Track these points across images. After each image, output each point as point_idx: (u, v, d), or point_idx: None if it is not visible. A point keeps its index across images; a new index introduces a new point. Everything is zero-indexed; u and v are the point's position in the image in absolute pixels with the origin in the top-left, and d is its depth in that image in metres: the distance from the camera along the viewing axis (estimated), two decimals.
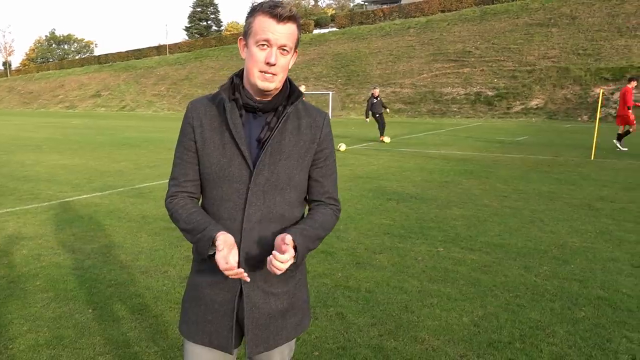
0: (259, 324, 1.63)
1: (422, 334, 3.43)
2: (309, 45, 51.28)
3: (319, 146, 1.67)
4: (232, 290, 1.62)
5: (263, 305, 1.63)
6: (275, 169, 1.58)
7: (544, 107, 30.41)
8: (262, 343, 1.65)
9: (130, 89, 59.34)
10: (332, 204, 1.73)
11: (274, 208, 1.60)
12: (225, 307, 1.63)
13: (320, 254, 5.12)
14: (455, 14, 45.20)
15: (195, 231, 1.56)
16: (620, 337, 3.36)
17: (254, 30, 1.52)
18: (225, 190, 1.59)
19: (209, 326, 1.65)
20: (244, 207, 1.57)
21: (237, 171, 1.57)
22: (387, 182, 9.30)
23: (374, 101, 17.81)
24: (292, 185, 1.62)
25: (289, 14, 1.51)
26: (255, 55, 1.52)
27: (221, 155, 1.58)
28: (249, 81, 1.58)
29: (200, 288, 1.67)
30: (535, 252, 5.18)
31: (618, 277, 4.44)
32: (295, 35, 1.56)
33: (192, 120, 1.63)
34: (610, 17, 34.91)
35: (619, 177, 9.76)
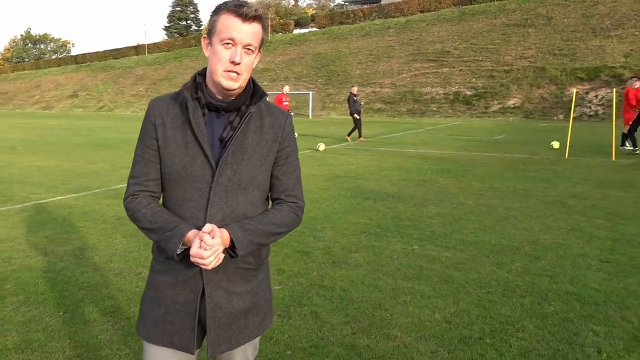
0: (221, 323, 1.63)
1: (394, 331, 3.46)
2: (289, 45, 51.25)
3: (281, 145, 1.68)
4: (194, 290, 1.62)
5: (225, 305, 1.63)
6: (238, 168, 1.58)
7: (521, 106, 30.85)
8: (224, 343, 1.65)
9: (108, 89, 58.59)
10: (292, 202, 1.72)
11: (237, 208, 1.60)
12: (187, 308, 1.62)
13: (296, 254, 5.13)
14: (434, 15, 45.62)
15: (163, 230, 1.55)
16: (587, 331, 3.43)
17: (218, 29, 1.53)
18: (187, 189, 1.58)
19: (170, 327, 1.64)
20: (206, 206, 1.57)
21: (200, 170, 1.56)
22: (365, 182, 9.35)
23: (354, 99, 17.85)
24: (254, 185, 1.63)
25: (254, 13, 1.52)
26: (219, 54, 1.52)
27: (183, 154, 1.57)
28: (212, 80, 1.58)
29: (161, 289, 1.65)
30: (508, 249, 5.27)
31: (587, 272, 4.54)
32: (260, 35, 1.57)
33: (154, 118, 1.61)
34: (585, 18, 35.58)
35: (592, 174, 9.96)
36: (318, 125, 26.04)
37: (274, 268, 4.71)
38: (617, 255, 4.99)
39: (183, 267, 1.60)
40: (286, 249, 5.30)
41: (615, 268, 4.64)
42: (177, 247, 1.52)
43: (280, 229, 1.66)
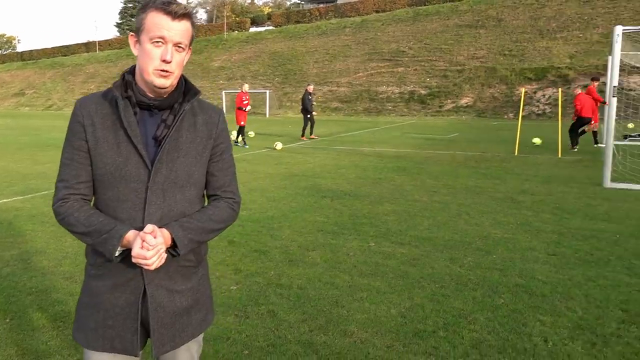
0: (164, 323, 1.62)
1: (351, 328, 3.50)
2: (245, 44, 50.85)
3: (215, 142, 1.69)
4: (135, 292, 1.59)
5: (168, 304, 1.62)
6: (173, 166, 1.58)
7: (473, 105, 31.69)
8: (168, 342, 1.64)
9: (57, 87, 56.53)
10: (229, 197, 1.73)
11: (175, 206, 1.59)
12: (127, 310, 1.59)
13: (253, 253, 5.11)
14: (389, 15, 46.24)
15: (99, 232, 1.51)
16: (535, 321, 3.58)
17: (147, 27, 1.50)
18: (121, 190, 1.55)
19: (110, 331, 1.60)
20: (143, 206, 1.55)
21: (135, 170, 1.54)
22: (322, 180, 9.40)
23: (309, 97, 17.92)
24: (191, 183, 1.62)
25: (183, 11, 1.50)
26: (149, 53, 1.50)
27: (116, 154, 1.54)
28: (143, 79, 1.55)
29: (99, 293, 1.61)
30: (461, 244, 5.41)
31: (535, 265, 4.72)
32: (190, 32, 1.56)
33: (83, 118, 1.56)
34: (533, 20, 36.88)
35: (540, 171, 10.35)
36: (275, 124, 25.97)
37: (230, 268, 4.68)
38: (563, 248, 5.21)
39: (122, 270, 1.57)
40: (243, 248, 5.28)
41: (561, 260, 4.85)
42: (115, 249, 1.49)
43: (219, 225, 1.67)
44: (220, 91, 41.81)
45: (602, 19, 34.08)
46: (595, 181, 9.05)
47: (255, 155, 13.40)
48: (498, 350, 3.18)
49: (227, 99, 38.95)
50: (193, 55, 52.21)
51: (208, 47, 53.03)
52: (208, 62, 49.74)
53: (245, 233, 5.84)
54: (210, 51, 52.04)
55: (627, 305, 3.83)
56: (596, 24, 33.85)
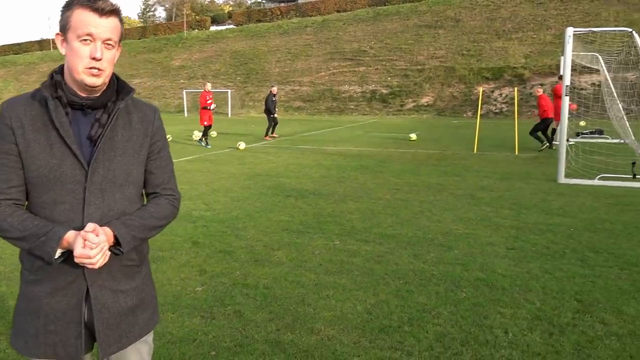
0: (109, 324, 1.60)
1: (318, 325, 3.53)
2: (206, 42, 50.24)
3: (152, 139, 1.68)
4: (77, 294, 1.56)
5: (112, 305, 1.60)
6: (111, 166, 1.56)
7: (433, 104, 32.28)
8: (114, 343, 1.62)
9: (8, 87, 54.41)
10: (169, 194, 1.73)
11: (114, 206, 1.58)
12: (70, 314, 1.56)
13: (218, 254, 5.08)
14: (350, 14, 46.57)
15: (35, 236, 1.47)
16: (495, 314, 3.69)
17: (73, 24, 1.47)
18: (57, 192, 1.51)
19: (52, 337, 1.57)
20: (82, 207, 1.52)
21: (70, 171, 1.51)
22: (286, 179, 9.40)
23: (273, 99, 17.91)
24: (130, 182, 1.61)
25: (111, 7, 1.49)
26: (78, 51, 1.47)
27: (50, 156, 1.49)
28: (73, 78, 1.52)
29: (38, 299, 1.57)
30: (424, 240, 5.52)
31: (495, 260, 4.87)
32: (119, 29, 1.54)
33: (11, 121, 1.50)
34: (489, 20, 37.86)
35: (498, 168, 10.65)
36: (238, 124, 25.77)
37: (195, 269, 4.64)
38: (521, 243, 5.39)
39: (62, 273, 1.54)
40: (208, 249, 5.23)
41: (519, 254, 5.02)
42: (54, 252, 1.45)
43: (161, 222, 1.67)
44: (181, 90, 41.17)
45: (554, 20, 35.31)
46: (550, 177, 9.38)
47: (218, 155, 13.27)
48: (461, 343, 3.27)
49: (188, 98, 38.40)
50: (152, 54, 51.26)
51: (168, 46, 52.14)
52: (168, 61, 48.91)
53: (209, 234, 5.80)
54: (170, 50, 51.18)
55: (582, 295, 3.99)
56: (549, 25, 35.04)
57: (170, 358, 3.10)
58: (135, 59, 51.34)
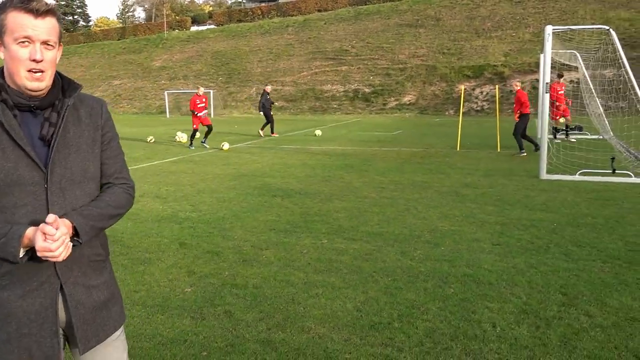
0: (86, 319, 1.62)
1: (308, 324, 3.55)
2: (186, 43, 49.85)
3: (102, 131, 1.70)
4: (50, 294, 1.56)
5: (86, 300, 1.63)
6: (67, 164, 1.57)
7: (415, 102, 32.48)
8: (93, 337, 1.65)
9: None
10: (123, 183, 1.76)
11: (77, 203, 1.59)
12: (44, 314, 1.56)
13: (206, 254, 5.06)
14: (331, 14, 46.61)
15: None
16: (483, 308, 3.75)
17: (9, 27, 1.46)
18: (17, 195, 1.50)
19: (27, 340, 1.56)
20: (46, 208, 1.52)
21: (27, 173, 1.50)
22: (271, 179, 9.39)
23: (267, 97, 18.16)
24: (88, 178, 1.63)
25: (46, 7, 1.48)
26: (17, 54, 1.46)
27: (4, 160, 1.47)
28: (15, 82, 1.51)
29: (8, 303, 1.54)
30: (411, 237, 5.57)
31: (481, 255, 4.93)
32: (57, 29, 1.54)
33: None
34: (469, 19, 38.21)
35: (481, 165, 10.77)
36: (221, 125, 25.61)
37: (184, 270, 4.62)
38: (506, 238, 5.47)
39: (32, 275, 1.54)
40: (195, 250, 5.21)
41: (505, 250, 5.09)
42: (18, 251, 1.44)
43: (118, 210, 1.69)
44: (162, 91, 40.81)
45: (532, 19, 35.76)
46: (532, 173, 9.52)
47: (202, 156, 13.20)
48: (450, 338, 3.31)
49: (169, 99, 38.08)
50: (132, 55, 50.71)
51: (148, 47, 51.62)
52: (148, 61, 48.43)
53: (196, 235, 5.77)
54: (150, 50, 50.68)
55: (566, 289, 4.07)
56: (527, 24, 35.49)
57: (161, 359, 3.09)
58: (115, 60, 50.75)
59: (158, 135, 19.49)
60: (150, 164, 11.93)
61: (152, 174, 10.25)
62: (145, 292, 4.16)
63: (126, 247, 5.35)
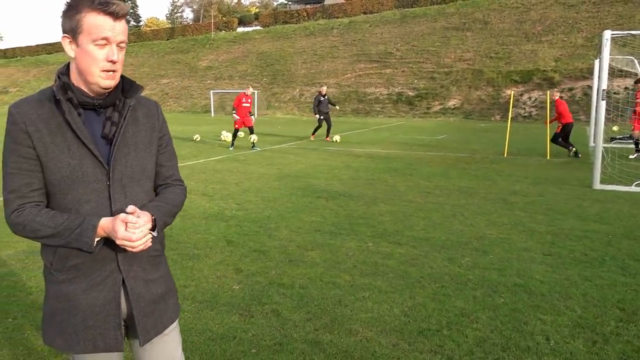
0: (145, 312, 1.68)
1: (356, 327, 3.53)
2: (233, 43, 50.67)
3: (160, 133, 1.75)
4: (113, 288, 1.62)
5: (146, 294, 1.68)
6: (127, 162, 1.62)
7: (460, 107, 31.95)
8: (152, 329, 1.70)
9: (42, 85, 55.75)
10: (180, 184, 1.85)
11: (136, 200, 1.63)
12: (107, 308, 1.61)
13: (252, 253, 5.12)
14: (376, 16, 46.42)
15: (69, 230, 1.50)
16: (535, 320, 3.64)
17: (86, 28, 1.49)
18: (81, 192, 1.55)
19: (91, 332, 1.61)
20: (109, 204, 1.57)
21: (91, 171, 1.55)
22: (315, 180, 9.42)
23: (320, 99, 17.78)
24: (146, 176, 1.69)
25: (124, 11, 1.53)
26: (93, 54, 1.50)
27: (69, 157, 1.53)
28: (85, 80, 1.55)
29: (74, 297, 1.60)
30: (458, 244, 5.48)
31: (531, 265, 4.80)
32: (127, 30, 1.60)
33: (26, 125, 1.51)
34: (518, 23, 37.30)
35: (529, 172, 10.49)
36: (264, 125, 25.90)
37: (231, 268, 4.69)
38: (558, 249, 5.30)
39: (96, 269, 1.59)
40: (242, 248, 5.28)
41: (557, 260, 4.93)
42: (92, 241, 1.50)
43: (178, 209, 1.78)
44: (208, 91, 41.61)
45: (585, 23, 34.60)
46: (584, 183, 9.20)
47: (247, 156, 13.38)
48: (502, 349, 3.23)
49: (215, 98, 38.78)
50: (180, 55, 51.92)
51: (195, 47, 52.75)
52: (195, 61, 49.49)
53: (243, 233, 5.85)
54: (198, 51, 51.78)
55: (624, 304, 3.91)
56: (580, 28, 34.36)
57: (211, 354, 3.14)
58: (163, 59, 52.08)
59: (204, 134, 19.87)
60: (197, 161, 12.18)
61: (199, 172, 10.45)
62: (195, 287, 4.24)
63: (176, 242, 5.47)
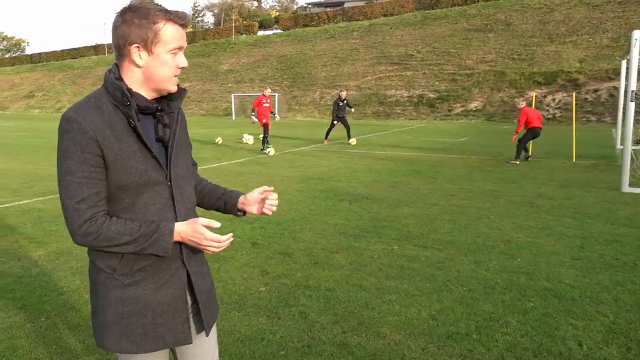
0: (205, 303, 1.78)
1: (383, 330, 3.52)
2: (253, 47, 50.99)
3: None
4: (179, 284, 1.68)
5: (203, 286, 1.79)
6: (179, 162, 1.70)
7: (482, 109, 31.63)
8: (211, 319, 1.82)
9: (66, 90, 56.87)
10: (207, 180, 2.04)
11: (189, 197, 1.75)
12: (175, 304, 1.67)
13: (278, 255, 5.14)
14: (397, 18, 46.24)
15: (146, 236, 1.55)
16: (567, 325, 3.58)
17: (164, 38, 1.56)
18: (148, 195, 1.60)
19: (161, 329, 1.65)
20: (172, 205, 1.65)
21: (155, 174, 1.60)
22: (338, 183, 9.42)
23: (339, 104, 17.80)
24: (190, 173, 1.79)
25: (190, 22, 1.66)
26: (169, 63, 1.59)
27: (136, 162, 1.57)
28: (156, 87, 1.61)
29: (144, 298, 1.63)
30: (484, 247, 5.42)
31: (560, 269, 4.72)
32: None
33: (95, 134, 1.51)
34: (542, 24, 36.79)
35: (555, 175, 10.33)
36: (285, 127, 26.01)
37: (257, 270, 4.71)
38: (587, 253, 5.21)
39: (162, 269, 1.63)
40: (267, 250, 5.30)
41: (586, 265, 4.85)
42: (170, 245, 1.58)
43: None
44: (229, 94, 41.94)
45: (611, 23, 33.97)
46: (612, 186, 9.02)
47: (269, 158, 13.44)
48: (533, 354, 3.19)
49: (236, 102, 39.07)
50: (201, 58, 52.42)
51: (216, 51, 53.23)
52: (217, 65, 49.93)
53: (267, 235, 5.87)
54: (219, 54, 52.23)
55: None
56: (606, 28, 33.74)
57: (240, 356, 3.16)
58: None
59: (225, 137, 20.02)
60: (220, 164, 12.27)
61: (221, 174, 10.53)
62: (222, 288, 4.27)
63: None
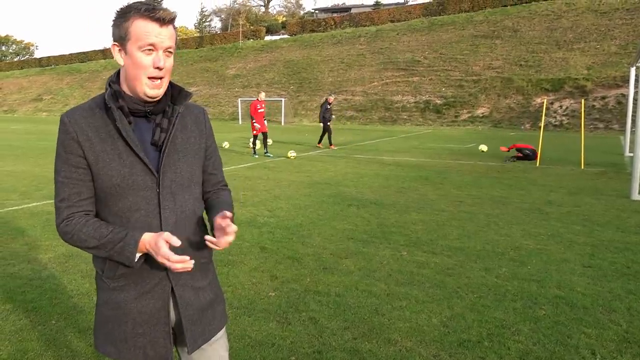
0: (193, 320, 1.68)
1: (394, 336, 3.50)
2: (260, 52, 51.19)
3: (207, 140, 1.76)
4: (162, 296, 1.62)
5: (194, 301, 1.68)
6: (177, 169, 1.61)
7: (489, 115, 31.58)
8: (200, 337, 1.70)
9: (74, 93, 57.25)
10: (227, 189, 1.90)
11: (186, 207, 1.64)
12: (157, 316, 1.62)
13: (286, 260, 5.13)
14: (404, 24, 46.34)
15: (112, 243, 1.51)
16: (579, 333, 3.55)
17: (134, 35, 1.48)
18: (132, 200, 1.55)
19: (141, 339, 1.62)
20: (158, 212, 1.57)
21: (141, 178, 1.55)
22: (345, 188, 9.40)
23: (327, 107, 17.83)
24: (194, 182, 1.69)
25: (170, 17, 1.51)
26: (140, 61, 1.49)
27: (120, 165, 1.53)
28: (134, 88, 1.54)
29: (124, 304, 1.61)
30: (494, 254, 5.39)
31: (572, 277, 4.68)
32: (175, 36, 1.58)
33: (77, 134, 1.51)
34: (549, 30, 36.76)
35: (564, 182, 10.28)
36: (291, 132, 26.05)
37: (266, 274, 4.70)
38: (598, 261, 5.17)
39: (145, 277, 1.60)
40: (276, 255, 5.30)
41: (598, 272, 4.81)
42: (134, 256, 1.50)
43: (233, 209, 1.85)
44: (235, 99, 42.08)
45: (619, 30, 33.90)
46: (621, 193, 8.96)
47: (277, 163, 13.45)
48: None
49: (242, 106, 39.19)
50: (208, 63, 52.67)
51: (223, 55, 53.47)
52: (224, 70, 50.14)
53: (276, 240, 5.86)
54: (226, 59, 52.46)
55: None
56: (614, 35, 33.67)
57: None
58: (192, 68, 52.88)
59: (232, 141, 20.06)
60: (227, 168, 12.29)
61: (229, 179, 10.54)
62: (231, 293, 4.27)
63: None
